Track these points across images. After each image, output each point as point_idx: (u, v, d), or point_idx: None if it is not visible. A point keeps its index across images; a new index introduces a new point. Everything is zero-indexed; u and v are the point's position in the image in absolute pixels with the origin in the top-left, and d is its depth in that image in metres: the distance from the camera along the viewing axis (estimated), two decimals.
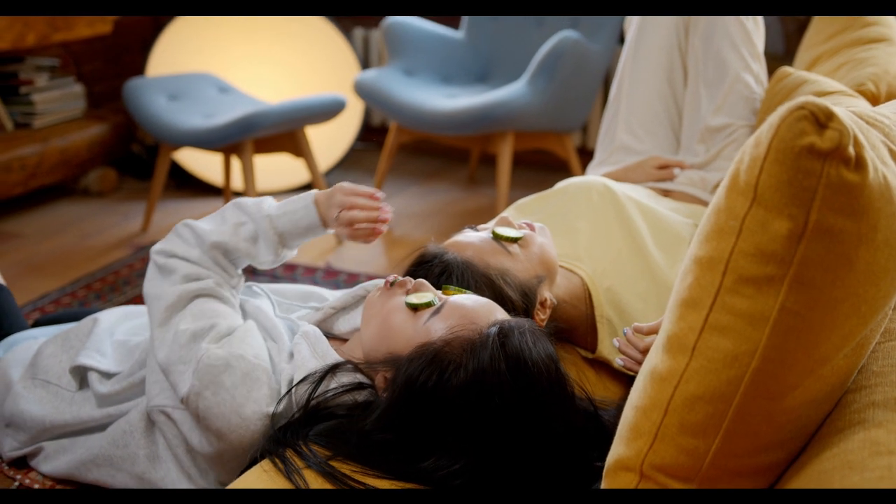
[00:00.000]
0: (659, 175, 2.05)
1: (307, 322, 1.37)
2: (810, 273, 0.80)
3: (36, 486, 1.40)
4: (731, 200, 0.85)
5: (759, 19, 2.15)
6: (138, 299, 2.85)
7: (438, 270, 1.37)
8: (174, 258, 1.35)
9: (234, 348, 1.23)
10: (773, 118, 0.81)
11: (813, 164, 0.78)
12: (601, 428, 1.19)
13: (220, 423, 1.20)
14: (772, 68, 2.25)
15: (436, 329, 1.19)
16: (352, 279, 3.02)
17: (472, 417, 1.11)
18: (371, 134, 4.55)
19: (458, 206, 3.88)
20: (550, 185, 1.88)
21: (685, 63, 2.19)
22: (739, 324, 0.84)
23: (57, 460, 1.43)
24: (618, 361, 1.35)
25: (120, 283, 3.01)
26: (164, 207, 3.83)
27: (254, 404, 1.20)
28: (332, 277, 3.05)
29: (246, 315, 1.39)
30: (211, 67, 4.00)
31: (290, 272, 3.10)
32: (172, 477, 1.32)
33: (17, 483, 1.42)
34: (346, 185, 1.40)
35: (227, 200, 3.83)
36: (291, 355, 1.28)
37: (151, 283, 1.35)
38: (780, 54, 3.54)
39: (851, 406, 0.92)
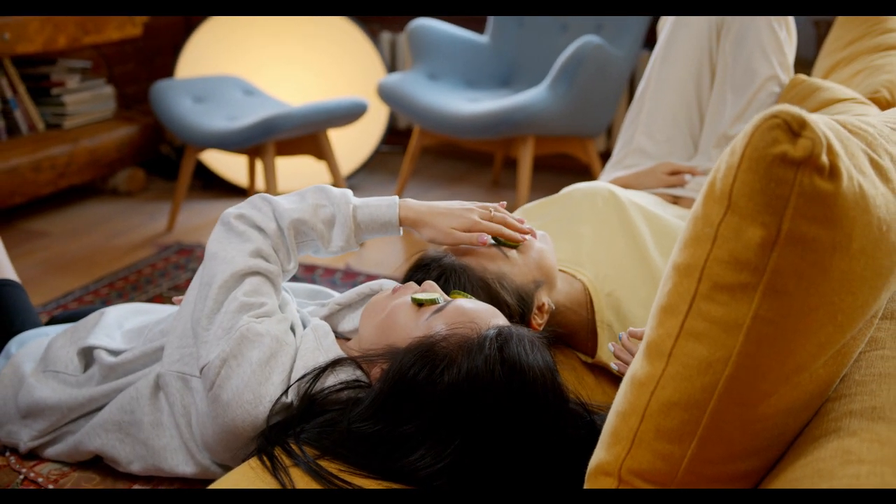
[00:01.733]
0: (670, 181, 2.05)
1: (320, 318, 1.39)
2: (783, 281, 0.81)
3: (40, 480, 1.43)
4: (707, 208, 0.85)
5: (793, 29, 2.13)
6: (160, 298, 2.89)
7: (436, 274, 1.38)
8: (253, 228, 1.35)
9: (272, 327, 1.25)
10: (748, 126, 0.82)
11: (785, 172, 0.78)
12: (596, 434, 1.19)
13: (232, 394, 1.21)
14: (801, 73, 2.23)
15: (436, 326, 1.20)
16: (370, 281, 3.04)
17: (459, 416, 1.12)
18: (397, 137, 4.58)
19: None
20: None
21: (714, 68, 2.18)
22: (714, 330, 0.85)
23: (65, 441, 1.46)
24: (613, 366, 1.36)
25: (143, 281, 3.05)
26: (189, 207, 3.88)
27: (270, 386, 1.21)
28: (350, 279, 3.07)
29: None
30: (239, 69, 4.05)
31: (309, 273, 3.13)
32: (174, 445, 1.34)
33: (21, 476, 1.45)
34: (477, 204, 1.46)
35: None
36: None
37: (221, 245, 1.35)
38: (810, 59, 3.51)
39: (829, 415, 0.92)
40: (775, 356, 0.84)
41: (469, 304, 1.25)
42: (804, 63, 3.29)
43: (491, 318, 1.23)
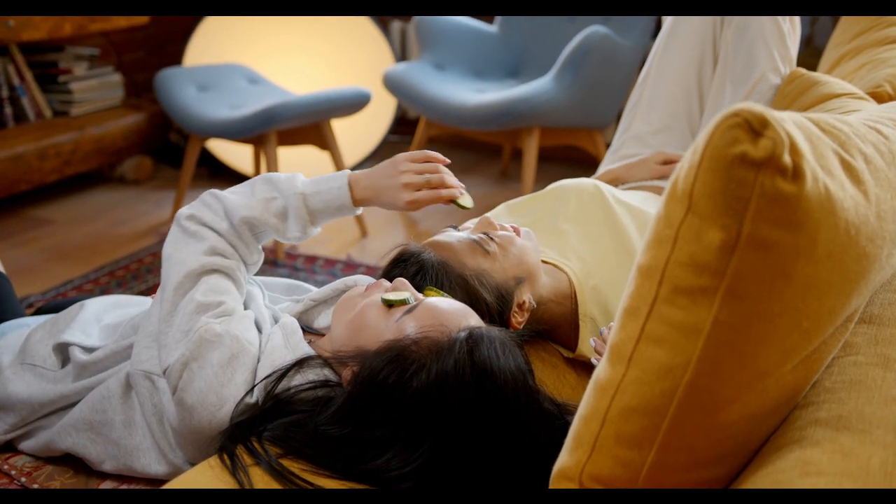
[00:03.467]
0: (662, 171, 2.01)
1: (287, 314, 1.37)
2: (744, 286, 0.78)
3: (13, 473, 1.42)
4: (669, 208, 0.82)
5: (797, 22, 2.08)
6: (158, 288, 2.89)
7: (414, 269, 1.36)
8: (205, 227, 1.34)
9: (231, 327, 1.23)
10: (710, 125, 0.79)
11: (746, 173, 0.76)
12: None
13: (196, 398, 1.20)
14: (815, 63, 2.19)
15: (406, 328, 1.18)
16: (370, 272, 3.02)
17: (429, 420, 1.10)
18: (406, 126, 4.56)
19: (487, 200, 3.86)
20: None
21: (716, 58, 2.14)
22: (674, 335, 0.82)
23: (38, 437, 1.45)
24: (593, 360, 1.33)
25: (143, 270, 3.05)
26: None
27: (234, 387, 1.19)
28: (351, 271, 3.05)
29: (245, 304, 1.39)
30: (248, 58, 4.03)
31: (310, 263, 3.11)
32: (146, 445, 1.33)
33: None
34: (408, 153, 1.44)
35: None
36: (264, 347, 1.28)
37: (175, 246, 1.33)
38: (823, 48, 3.45)
39: (795, 423, 0.89)
40: (737, 362, 0.82)
41: (441, 304, 1.22)
42: (818, 53, 3.23)
43: (462, 318, 1.20)
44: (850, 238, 0.82)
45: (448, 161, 1.45)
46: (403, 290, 1.25)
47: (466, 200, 1.44)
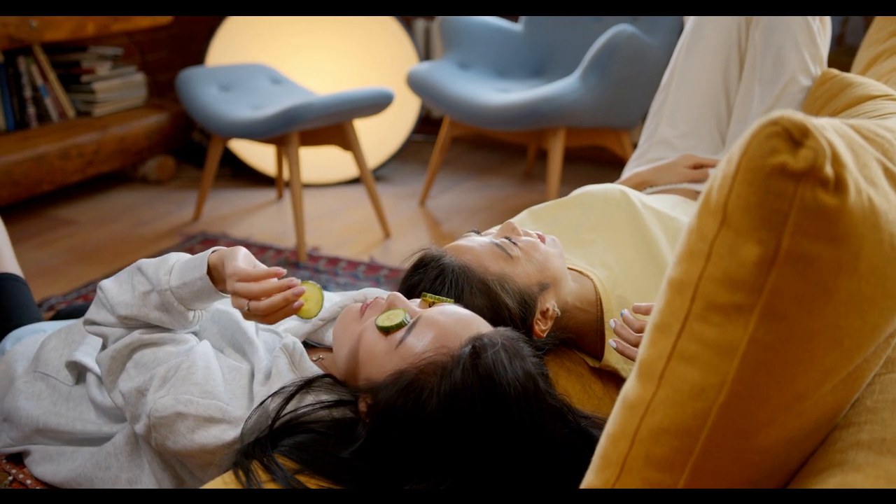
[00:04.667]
0: (692, 175, 1.96)
1: (291, 335, 1.33)
2: (783, 303, 0.74)
3: (28, 482, 1.40)
4: (702, 221, 0.78)
5: (827, 21, 2.02)
6: None
7: (434, 274, 1.32)
8: (99, 326, 1.31)
9: (179, 393, 1.20)
10: (746, 133, 0.75)
11: (785, 185, 0.72)
12: (585, 440, 1.14)
13: (183, 454, 1.20)
14: (847, 62, 2.13)
15: (409, 351, 1.14)
16: (393, 274, 2.99)
17: (448, 441, 1.08)
18: (431, 126, 4.52)
19: (510, 202, 3.82)
20: (607, 182, 1.81)
21: (743, 59, 2.09)
22: (707, 354, 0.78)
23: (42, 467, 1.43)
24: (611, 343, 1.29)
25: None
26: (217, 196, 3.86)
27: (213, 439, 1.18)
28: (374, 273, 3.02)
29: (205, 334, 1.36)
30: (270, 57, 4.01)
31: (332, 265, 3.09)
32: None
33: (10, 478, 1.42)
34: (240, 267, 1.24)
35: (279, 191, 3.85)
36: (269, 374, 1.25)
37: (97, 353, 1.33)
38: (856, 46, 3.38)
39: (836, 444, 0.85)
40: (774, 383, 0.77)
41: (439, 317, 1.18)
42: (851, 52, 3.16)
43: (464, 329, 1.16)
44: (895, 252, 0.78)
45: (283, 272, 1.25)
46: (398, 306, 1.21)
47: (307, 312, 1.25)
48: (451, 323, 1.16)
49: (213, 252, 1.28)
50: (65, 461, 1.40)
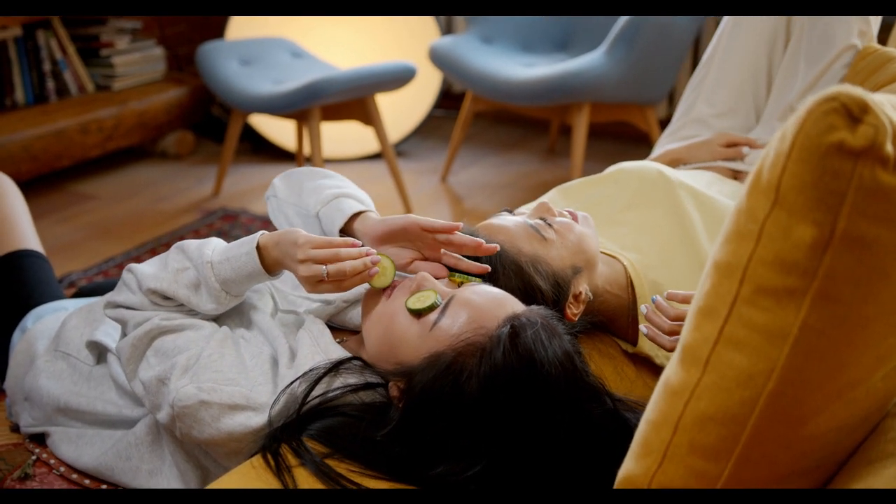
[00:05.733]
0: (726, 153, 1.92)
1: (314, 317, 1.30)
2: (837, 287, 0.71)
3: (52, 462, 1.39)
4: (752, 201, 0.75)
5: None
6: None
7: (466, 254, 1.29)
8: (120, 308, 1.29)
9: (202, 381, 1.17)
10: (801, 109, 0.71)
11: (843, 163, 0.68)
12: (627, 428, 1.11)
13: (209, 443, 1.19)
14: (884, 39, 2.05)
15: (444, 332, 1.12)
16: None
17: (488, 422, 1.06)
18: (452, 101, 4.48)
19: (533, 178, 3.78)
20: (631, 158, 1.77)
21: (789, 35, 2.01)
22: (756, 339, 0.75)
23: (61, 449, 1.42)
24: (642, 329, 1.25)
25: None
26: (237, 171, 3.84)
27: (239, 426, 1.15)
28: None
29: (223, 319, 1.33)
30: (291, 31, 3.97)
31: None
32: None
33: (34, 457, 1.41)
34: (313, 236, 1.23)
35: (299, 165, 3.82)
36: (293, 355, 1.22)
37: (118, 339, 1.31)
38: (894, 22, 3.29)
39: (888, 433, 0.82)
40: (826, 370, 0.74)
41: (472, 297, 1.15)
42: (887, 27, 3.08)
43: (498, 307, 1.13)
44: None
45: (358, 242, 1.23)
46: (427, 286, 1.18)
47: (380, 280, 1.22)
48: (485, 302, 1.14)
49: (262, 234, 1.26)
50: (84, 445, 1.39)
